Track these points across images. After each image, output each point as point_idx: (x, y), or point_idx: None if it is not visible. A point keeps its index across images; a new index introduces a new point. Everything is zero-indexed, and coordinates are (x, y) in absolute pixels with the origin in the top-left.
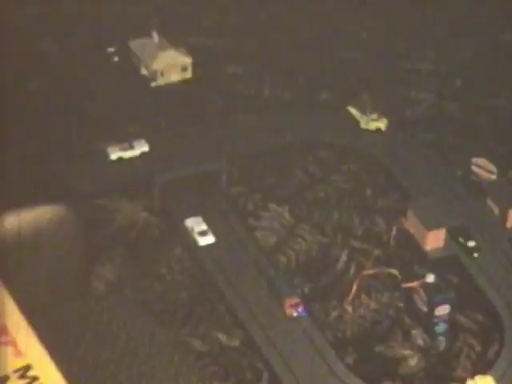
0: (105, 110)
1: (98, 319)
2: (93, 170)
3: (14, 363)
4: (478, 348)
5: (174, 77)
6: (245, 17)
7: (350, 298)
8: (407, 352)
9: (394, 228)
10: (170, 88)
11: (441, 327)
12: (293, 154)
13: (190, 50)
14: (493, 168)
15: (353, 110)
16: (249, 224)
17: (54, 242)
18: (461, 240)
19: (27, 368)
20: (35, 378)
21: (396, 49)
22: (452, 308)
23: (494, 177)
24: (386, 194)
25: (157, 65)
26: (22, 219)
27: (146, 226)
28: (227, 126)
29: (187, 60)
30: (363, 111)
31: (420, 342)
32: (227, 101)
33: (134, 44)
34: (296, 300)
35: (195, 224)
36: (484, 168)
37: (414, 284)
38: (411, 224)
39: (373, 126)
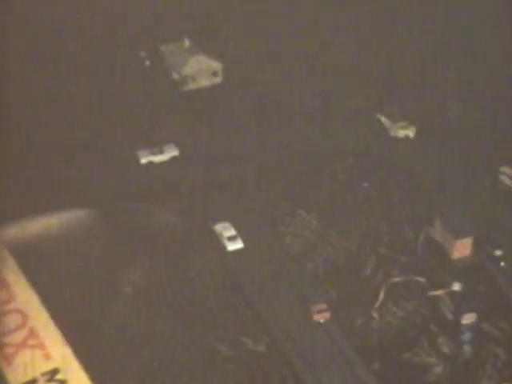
0: (136, 113)
1: (126, 323)
2: (123, 173)
3: (42, 366)
4: (504, 357)
5: (205, 82)
6: (276, 23)
7: (377, 305)
8: (433, 360)
9: (421, 236)
10: (200, 93)
11: (467, 335)
12: (322, 160)
13: (221, 56)
14: None
15: (382, 118)
16: (277, 230)
17: (82, 246)
18: (488, 249)
19: (55, 371)
20: (63, 382)
21: (425, 57)
22: (478, 316)
23: None
24: (413, 201)
25: (188, 70)
26: (51, 222)
27: (175, 231)
28: (257, 132)
29: (218, 65)
30: (392, 119)
31: (446, 349)
32: (257, 106)
33: (166, 49)
34: (323, 306)
35: (224, 229)
36: None
37: (441, 292)
38: (438, 232)
39: (402, 133)
